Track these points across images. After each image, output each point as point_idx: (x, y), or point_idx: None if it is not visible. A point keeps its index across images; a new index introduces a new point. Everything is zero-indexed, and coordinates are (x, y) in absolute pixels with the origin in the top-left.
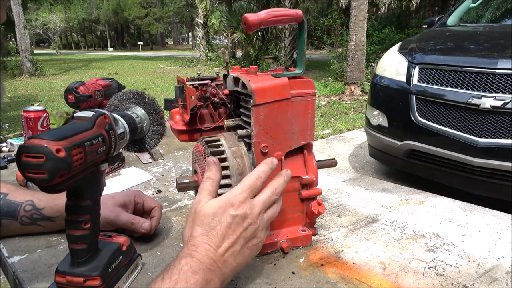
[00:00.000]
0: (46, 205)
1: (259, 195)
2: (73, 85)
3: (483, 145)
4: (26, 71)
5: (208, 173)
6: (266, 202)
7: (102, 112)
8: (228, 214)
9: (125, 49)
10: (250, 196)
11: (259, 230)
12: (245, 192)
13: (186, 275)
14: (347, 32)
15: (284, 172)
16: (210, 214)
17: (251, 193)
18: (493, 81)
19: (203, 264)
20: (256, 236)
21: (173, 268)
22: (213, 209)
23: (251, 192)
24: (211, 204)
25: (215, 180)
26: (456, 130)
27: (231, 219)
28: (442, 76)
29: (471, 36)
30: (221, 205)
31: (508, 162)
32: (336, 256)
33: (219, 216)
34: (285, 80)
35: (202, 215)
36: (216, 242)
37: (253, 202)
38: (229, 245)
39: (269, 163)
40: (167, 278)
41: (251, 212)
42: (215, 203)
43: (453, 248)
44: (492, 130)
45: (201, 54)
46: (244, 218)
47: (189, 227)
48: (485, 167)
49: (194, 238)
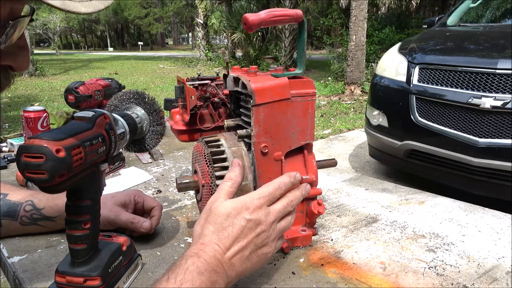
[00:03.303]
0: (46, 205)
1: (275, 204)
2: (73, 85)
3: (483, 145)
4: (26, 71)
5: (231, 173)
6: (281, 212)
7: (102, 112)
8: (242, 217)
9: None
10: (266, 204)
11: (270, 239)
12: (262, 198)
13: (192, 275)
14: (347, 32)
15: (303, 186)
16: (224, 214)
17: (268, 201)
18: (493, 81)
19: (209, 265)
20: (267, 244)
21: (178, 268)
22: (227, 210)
23: (269, 200)
24: (227, 205)
25: (235, 182)
26: (456, 130)
27: (244, 222)
28: (442, 76)
29: (471, 36)
30: (237, 206)
31: (508, 162)
32: (336, 256)
33: (232, 217)
34: (285, 80)
35: (216, 214)
36: (226, 244)
37: (269, 210)
38: (238, 248)
39: (292, 177)
40: (172, 278)
41: (265, 219)
42: (230, 204)
43: (453, 248)
44: (492, 130)
45: (201, 54)
46: (257, 224)
47: (200, 224)
48: (485, 167)
49: (204, 236)
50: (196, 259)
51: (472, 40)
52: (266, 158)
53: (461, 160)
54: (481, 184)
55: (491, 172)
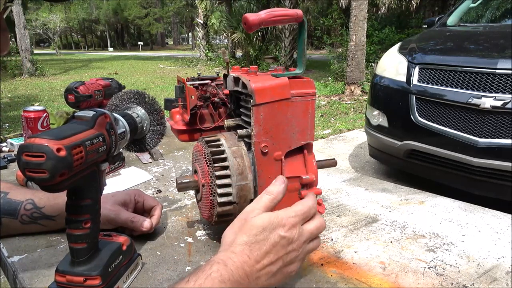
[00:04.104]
0: (47, 204)
1: (308, 224)
2: (73, 85)
3: (483, 145)
4: (26, 71)
5: (272, 188)
6: (313, 233)
7: (103, 112)
8: (276, 233)
9: (125, 49)
10: (301, 223)
11: (298, 258)
12: (298, 217)
13: (212, 282)
14: (347, 32)
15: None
16: (260, 227)
17: (302, 220)
18: (493, 81)
19: (234, 275)
20: (294, 263)
21: (201, 272)
22: (263, 223)
23: (303, 219)
24: (263, 217)
25: (275, 198)
26: (456, 130)
27: (278, 238)
28: (442, 76)
29: (471, 36)
30: (273, 221)
31: (508, 162)
32: (336, 256)
33: (267, 232)
34: (285, 80)
35: (251, 225)
36: (257, 257)
37: (302, 230)
38: (268, 263)
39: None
40: (192, 281)
41: (297, 239)
42: (267, 218)
43: (453, 248)
44: (492, 130)
45: (201, 54)
46: (290, 242)
47: (233, 232)
48: (485, 167)
49: (236, 245)
50: (222, 267)
51: (472, 40)
52: (266, 158)
53: (461, 160)
54: (481, 184)
55: (491, 172)
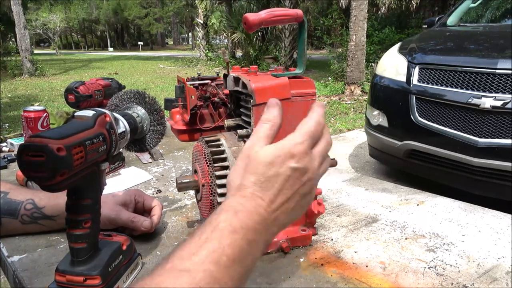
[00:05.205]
0: (47, 204)
1: (318, 146)
2: (73, 85)
3: (483, 145)
4: (26, 71)
5: (268, 115)
6: (324, 153)
7: (103, 112)
8: (287, 166)
9: (125, 49)
10: (311, 147)
11: (314, 186)
12: (306, 141)
13: (221, 233)
14: (347, 32)
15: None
16: (267, 163)
17: (311, 144)
18: (493, 81)
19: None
20: (311, 192)
21: (208, 225)
22: (270, 157)
23: (312, 142)
24: (268, 151)
25: (275, 124)
26: (456, 130)
27: (290, 172)
28: (442, 76)
29: (471, 36)
30: (279, 154)
31: (508, 162)
32: (336, 256)
33: (277, 166)
34: (285, 80)
35: (257, 162)
36: (271, 196)
37: (313, 154)
38: (283, 200)
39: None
40: (197, 235)
41: (310, 166)
42: (272, 151)
43: (453, 248)
44: (492, 130)
45: (201, 54)
46: (304, 173)
47: (238, 173)
48: (485, 167)
49: (245, 187)
50: (232, 216)
51: (472, 40)
52: None
53: (461, 160)
54: (481, 184)
55: (491, 172)
